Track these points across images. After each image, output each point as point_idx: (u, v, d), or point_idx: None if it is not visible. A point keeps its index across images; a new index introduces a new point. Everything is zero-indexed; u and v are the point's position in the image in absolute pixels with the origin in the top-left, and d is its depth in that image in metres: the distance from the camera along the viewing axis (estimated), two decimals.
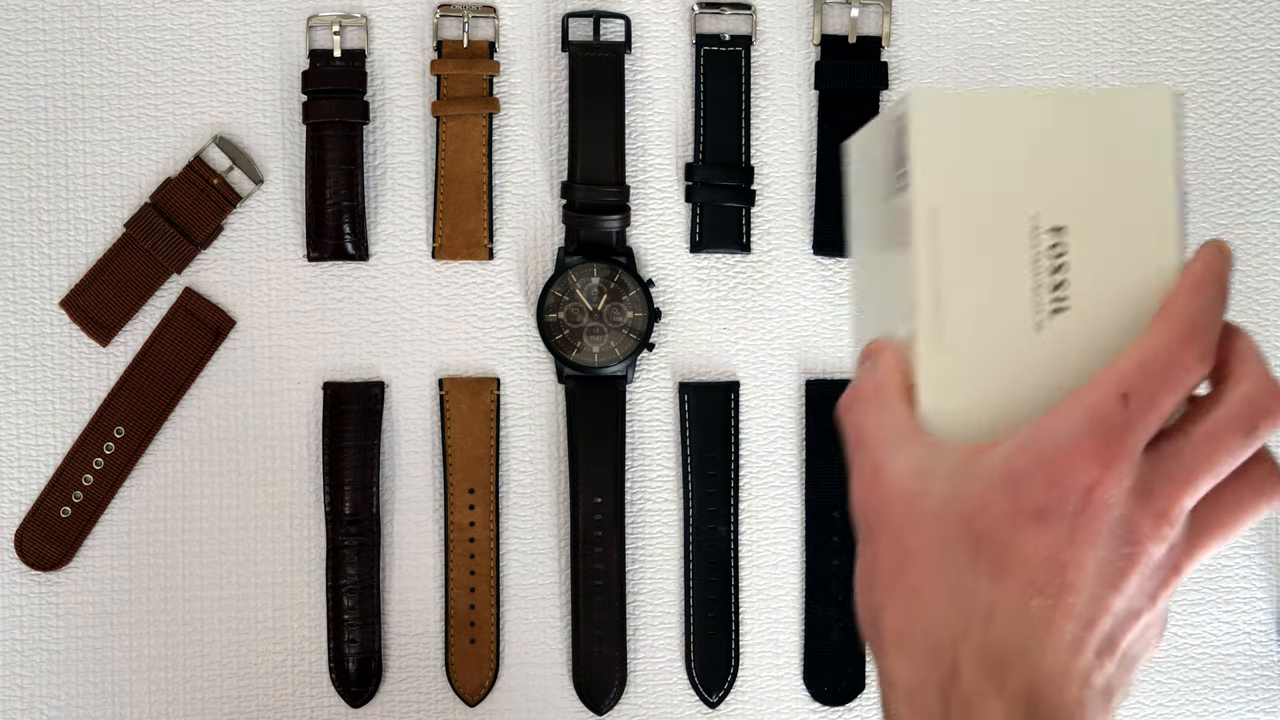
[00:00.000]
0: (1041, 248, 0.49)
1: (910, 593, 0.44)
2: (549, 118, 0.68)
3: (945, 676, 0.43)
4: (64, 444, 0.67)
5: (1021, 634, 0.42)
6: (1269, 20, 0.68)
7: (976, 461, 0.44)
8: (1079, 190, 0.49)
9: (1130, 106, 0.50)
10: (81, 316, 0.67)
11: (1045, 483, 0.42)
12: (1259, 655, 0.68)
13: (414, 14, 0.68)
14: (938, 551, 0.44)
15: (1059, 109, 0.50)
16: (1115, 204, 0.49)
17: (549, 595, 0.68)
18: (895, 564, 0.45)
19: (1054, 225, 0.49)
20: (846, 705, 0.68)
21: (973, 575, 0.43)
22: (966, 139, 0.50)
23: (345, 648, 0.67)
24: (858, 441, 0.48)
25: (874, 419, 0.47)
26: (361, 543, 0.66)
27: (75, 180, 0.67)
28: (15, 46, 0.67)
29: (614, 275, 0.66)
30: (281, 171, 0.68)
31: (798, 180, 0.68)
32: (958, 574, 0.43)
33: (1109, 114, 0.50)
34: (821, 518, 0.68)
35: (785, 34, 0.68)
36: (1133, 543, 0.43)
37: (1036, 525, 0.42)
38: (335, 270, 0.68)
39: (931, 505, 0.44)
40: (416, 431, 0.68)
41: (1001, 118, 0.50)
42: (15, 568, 0.67)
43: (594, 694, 0.67)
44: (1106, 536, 0.43)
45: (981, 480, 0.44)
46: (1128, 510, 0.43)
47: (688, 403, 0.67)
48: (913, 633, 0.44)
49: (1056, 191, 0.49)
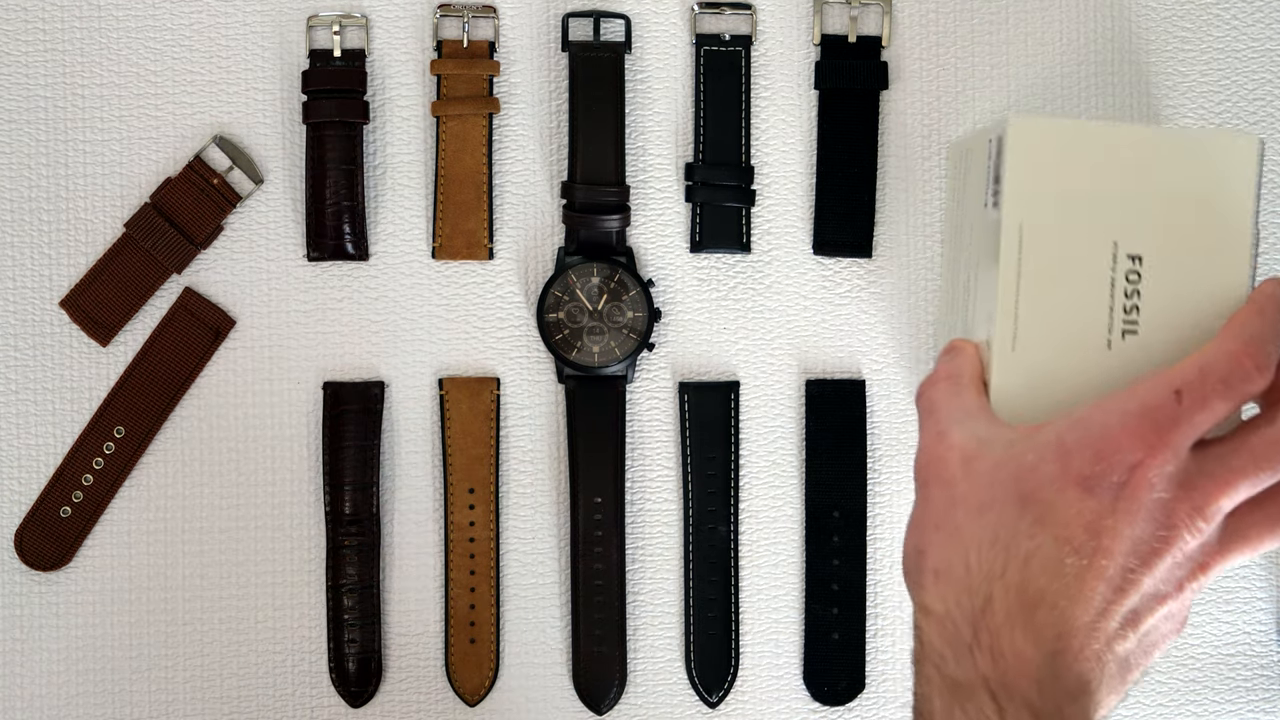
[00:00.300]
0: (1119, 273, 0.51)
1: (955, 531, 0.47)
2: (549, 118, 0.68)
3: (978, 608, 0.46)
4: (64, 444, 0.67)
5: (1054, 584, 0.45)
6: (1269, 20, 0.68)
7: (1033, 433, 0.48)
8: (1160, 223, 0.51)
9: (1217, 148, 0.51)
10: (81, 316, 0.67)
11: (1093, 456, 0.45)
12: (1259, 655, 0.68)
13: (414, 14, 0.68)
14: (985, 500, 0.47)
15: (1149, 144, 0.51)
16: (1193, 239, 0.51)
17: (549, 595, 0.68)
18: (944, 508, 0.48)
19: (1133, 253, 0.51)
20: (846, 705, 0.68)
21: (1015, 524, 0.46)
22: (1058, 164, 0.51)
23: (345, 648, 0.67)
24: (929, 411, 0.52)
25: (946, 396, 0.51)
26: (361, 543, 0.66)
27: (75, 180, 0.67)
28: (15, 46, 0.67)
29: (614, 275, 0.66)
30: (281, 171, 0.68)
31: (798, 180, 0.68)
32: (1001, 521, 0.46)
33: (1196, 153, 0.52)
34: (821, 518, 0.68)
35: (785, 34, 0.68)
36: (1169, 527, 0.45)
37: (1080, 490, 0.45)
38: (335, 270, 0.68)
39: (986, 464, 0.48)
40: (416, 431, 0.68)
41: (1093, 147, 0.52)
42: (15, 568, 0.67)
43: (594, 694, 0.67)
44: (1145, 515, 0.45)
45: (1034, 449, 0.47)
46: (1168, 496, 0.45)
47: (688, 403, 0.67)
48: (953, 567, 0.47)
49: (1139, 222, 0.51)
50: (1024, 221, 0.51)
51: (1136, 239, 0.51)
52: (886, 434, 0.68)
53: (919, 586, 0.48)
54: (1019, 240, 0.51)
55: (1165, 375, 0.46)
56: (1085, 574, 0.45)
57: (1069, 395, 0.51)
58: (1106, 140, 0.52)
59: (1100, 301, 0.51)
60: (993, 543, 0.46)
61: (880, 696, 0.68)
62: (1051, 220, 0.51)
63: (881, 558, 0.68)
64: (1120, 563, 0.45)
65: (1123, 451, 0.45)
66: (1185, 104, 0.68)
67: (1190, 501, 0.46)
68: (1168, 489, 0.45)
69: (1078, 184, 0.51)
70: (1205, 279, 0.51)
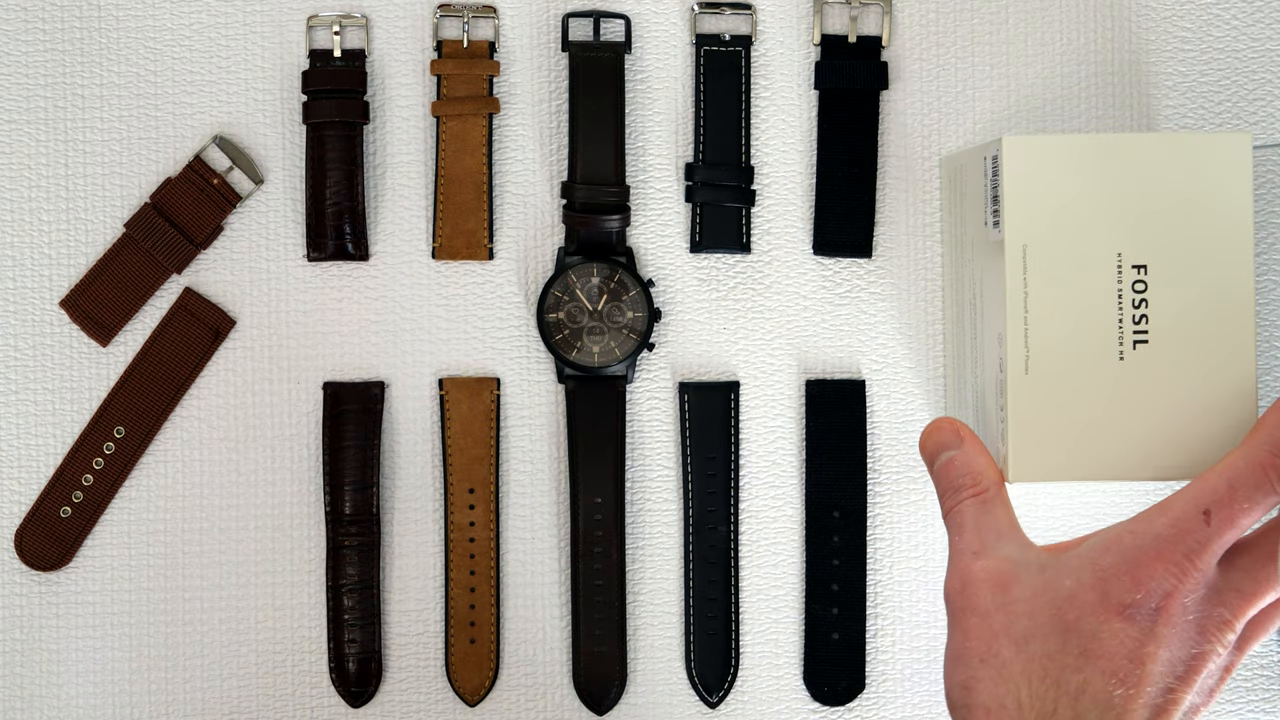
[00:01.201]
0: (1125, 283, 0.51)
1: (1002, 667, 0.48)
2: (549, 118, 0.68)
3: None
4: (64, 444, 0.67)
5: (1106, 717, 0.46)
6: (1269, 20, 0.68)
7: (1064, 557, 0.49)
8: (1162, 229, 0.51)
9: (1210, 150, 0.52)
10: (81, 316, 0.67)
11: (1131, 584, 0.46)
12: (1259, 655, 0.68)
13: (414, 14, 0.68)
14: (1027, 631, 0.48)
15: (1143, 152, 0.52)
16: (1196, 242, 0.52)
17: (549, 595, 0.68)
18: (985, 640, 0.49)
19: (1138, 263, 0.51)
20: (846, 705, 0.68)
21: (1061, 657, 0.47)
22: (1055, 180, 0.52)
23: (345, 648, 0.67)
24: (958, 530, 0.52)
25: (975, 514, 0.52)
26: (361, 543, 0.66)
27: (75, 180, 0.67)
28: (15, 46, 0.67)
29: (614, 275, 0.66)
30: (281, 171, 0.68)
31: (798, 180, 0.68)
32: (1047, 653, 0.47)
33: (1191, 156, 0.52)
34: (821, 518, 0.68)
35: (785, 34, 0.68)
36: (1202, 643, 0.47)
37: (1122, 619, 0.46)
38: (335, 270, 0.68)
39: (1022, 592, 0.48)
40: (416, 431, 0.68)
41: (1088, 160, 0.52)
42: (15, 568, 0.67)
43: (594, 694, 0.67)
44: (1179, 637, 0.47)
45: (1071, 576, 0.48)
46: (1199, 614, 0.47)
47: (688, 403, 0.67)
48: (1005, 705, 0.48)
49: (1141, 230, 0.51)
50: (1026, 242, 0.52)
51: (1140, 248, 0.51)
52: (886, 434, 0.68)
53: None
54: (1023, 261, 0.52)
55: (1195, 493, 0.47)
56: (1130, 701, 0.46)
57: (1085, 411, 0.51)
58: (1100, 152, 0.52)
59: (1109, 314, 0.51)
60: (1043, 678, 0.47)
61: (880, 696, 0.68)
62: (1054, 237, 0.52)
63: (881, 558, 0.68)
64: (1160, 685, 0.46)
65: (1156, 579, 0.46)
66: (1185, 104, 0.68)
67: (1219, 617, 0.47)
68: (1199, 607, 0.47)
69: (1076, 198, 0.52)
70: (1211, 280, 0.51)
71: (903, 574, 0.68)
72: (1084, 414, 0.51)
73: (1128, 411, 0.52)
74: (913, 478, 0.68)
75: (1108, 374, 0.51)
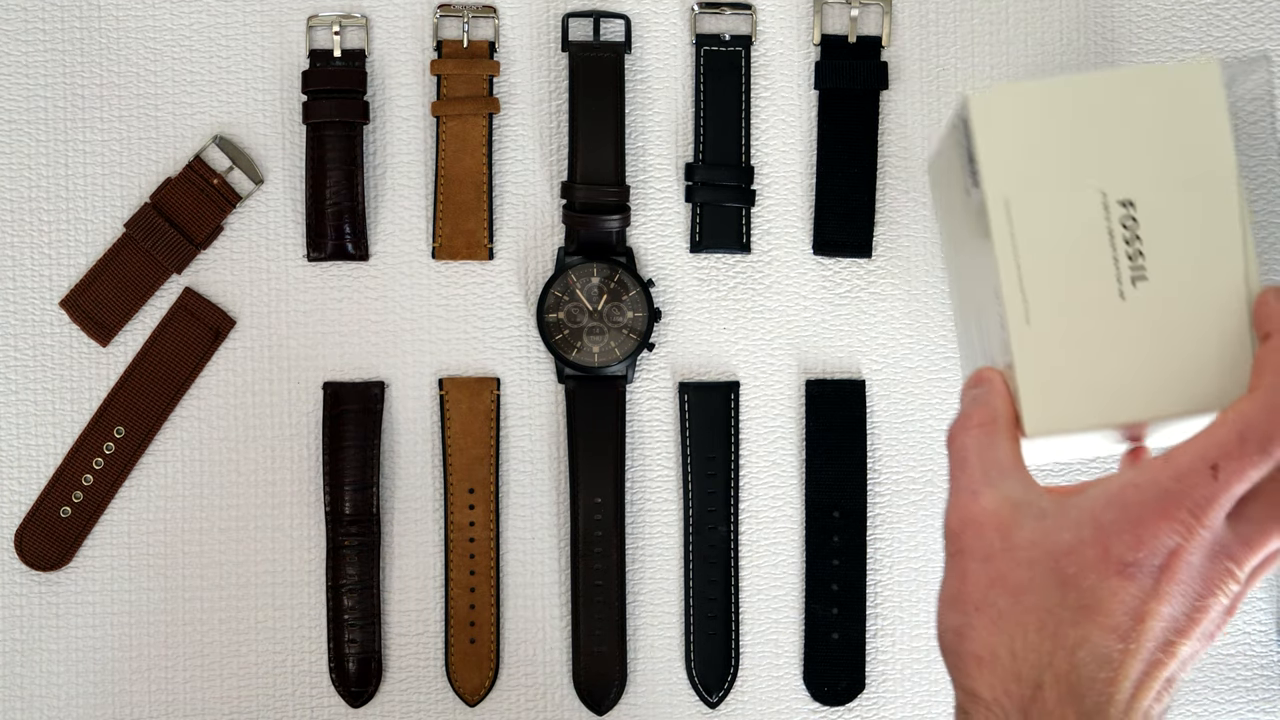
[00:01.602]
0: (1115, 222, 0.50)
1: (997, 616, 0.47)
2: (549, 118, 0.68)
3: (1027, 695, 0.46)
4: (64, 444, 0.67)
5: (1100, 670, 0.45)
6: (1269, 20, 0.68)
7: (1066, 506, 0.47)
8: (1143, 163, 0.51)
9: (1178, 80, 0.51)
10: (81, 316, 0.67)
11: (1133, 542, 0.45)
12: (1259, 655, 0.68)
13: (414, 14, 0.68)
14: (1024, 581, 0.47)
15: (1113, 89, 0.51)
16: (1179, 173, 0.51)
17: (549, 595, 0.68)
18: (983, 587, 0.48)
19: (1124, 199, 0.50)
20: (846, 705, 0.68)
21: (1058, 610, 0.46)
22: (1027, 128, 0.51)
23: (345, 648, 0.67)
24: (960, 464, 0.50)
25: (978, 447, 0.50)
26: (361, 543, 0.66)
27: (75, 180, 0.67)
28: (15, 46, 0.67)
29: (614, 275, 0.66)
30: (281, 171, 0.68)
31: (798, 180, 0.68)
32: (1045, 608, 0.46)
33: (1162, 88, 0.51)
34: (821, 518, 0.68)
35: (785, 34, 0.68)
36: (1205, 595, 0.46)
37: (1122, 578, 0.45)
38: (335, 270, 0.68)
39: (1022, 538, 0.47)
40: (416, 431, 0.68)
41: (1059, 103, 0.51)
42: (15, 568, 0.67)
43: (594, 694, 0.67)
44: (1182, 592, 0.46)
45: (1071, 529, 0.46)
46: (1203, 567, 0.46)
47: (688, 403, 0.67)
48: (998, 654, 0.47)
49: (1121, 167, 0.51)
50: (1008, 194, 0.51)
51: (1123, 185, 0.51)
52: (886, 434, 0.68)
53: (962, 671, 0.48)
54: (1007, 214, 0.51)
55: (1202, 446, 0.46)
56: (1128, 655, 0.45)
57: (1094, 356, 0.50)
58: (1070, 94, 0.51)
59: (1103, 255, 0.51)
60: (1039, 629, 0.46)
61: (880, 696, 0.68)
62: (1034, 186, 0.51)
63: (881, 558, 0.68)
64: (1159, 638, 0.46)
65: (1161, 537, 0.45)
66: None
67: (1223, 566, 0.46)
68: (1203, 562, 0.46)
69: (1052, 144, 0.51)
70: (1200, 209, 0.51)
71: (903, 574, 0.68)
72: (1093, 357, 0.50)
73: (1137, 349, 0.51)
74: (913, 478, 0.68)
75: (1111, 314, 0.50)
